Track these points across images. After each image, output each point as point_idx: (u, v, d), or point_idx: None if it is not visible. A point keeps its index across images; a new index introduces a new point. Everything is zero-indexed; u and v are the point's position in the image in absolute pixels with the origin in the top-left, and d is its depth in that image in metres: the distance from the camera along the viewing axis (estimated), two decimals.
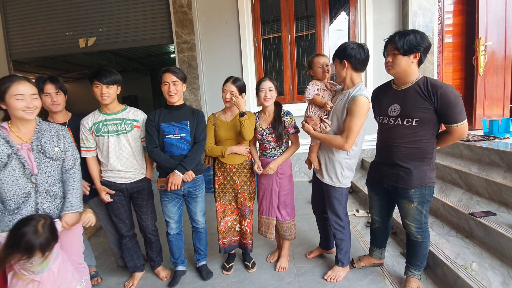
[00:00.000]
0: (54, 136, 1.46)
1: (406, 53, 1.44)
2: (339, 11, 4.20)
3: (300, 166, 3.99)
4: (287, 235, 2.08)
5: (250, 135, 1.93)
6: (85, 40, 4.17)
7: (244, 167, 2.06)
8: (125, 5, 4.08)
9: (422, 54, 1.44)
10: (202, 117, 1.96)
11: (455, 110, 1.40)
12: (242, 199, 2.06)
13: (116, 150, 1.86)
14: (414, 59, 1.46)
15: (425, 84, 1.45)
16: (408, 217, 1.67)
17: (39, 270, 1.27)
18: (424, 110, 1.45)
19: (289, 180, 2.07)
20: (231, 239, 2.14)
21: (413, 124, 1.50)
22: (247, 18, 4.00)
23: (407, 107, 1.50)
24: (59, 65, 7.74)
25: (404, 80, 1.53)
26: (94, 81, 1.78)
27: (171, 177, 1.81)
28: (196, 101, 4.05)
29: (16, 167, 1.32)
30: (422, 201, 1.59)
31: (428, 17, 3.64)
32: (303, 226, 2.74)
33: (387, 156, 1.65)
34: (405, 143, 1.55)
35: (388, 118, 1.60)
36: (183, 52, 3.99)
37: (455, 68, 3.94)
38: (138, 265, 2.11)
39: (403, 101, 1.52)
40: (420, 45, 1.42)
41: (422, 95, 1.45)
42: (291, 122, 1.98)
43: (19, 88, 1.32)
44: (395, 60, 1.49)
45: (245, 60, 4.05)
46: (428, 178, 1.56)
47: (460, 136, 1.48)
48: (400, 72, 1.51)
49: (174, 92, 1.83)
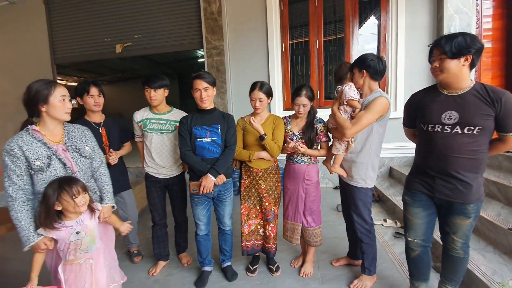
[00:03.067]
0: (82, 136, 1.54)
1: (455, 56, 1.34)
2: (369, 15, 4.13)
3: (325, 172, 3.94)
4: (312, 242, 2.07)
5: (277, 153, 1.99)
6: (121, 46, 4.43)
7: (270, 172, 2.09)
8: (159, 13, 4.28)
9: (474, 56, 1.33)
10: (232, 121, 2.00)
11: None
12: (267, 203, 2.08)
13: (157, 147, 2.11)
14: (466, 62, 1.34)
15: (485, 90, 1.35)
16: (458, 233, 1.52)
17: (88, 248, 1.41)
18: (487, 117, 1.35)
19: (316, 186, 2.06)
20: (254, 242, 2.16)
21: (474, 133, 1.38)
22: (275, 24, 4.05)
23: (468, 114, 1.38)
24: (96, 69, 8.25)
25: (456, 86, 1.40)
26: (145, 86, 2.07)
27: (203, 180, 1.84)
28: (223, 105, 4.15)
29: (57, 167, 1.39)
30: (477, 215, 1.49)
31: (465, 21, 3.48)
32: (329, 233, 2.71)
33: (441, 168, 1.49)
34: (464, 153, 1.41)
35: (442, 126, 1.45)
36: (212, 57, 4.11)
37: (494, 74, 3.72)
38: (163, 254, 2.31)
39: (462, 107, 1.40)
40: (471, 46, 1.32)
41: (484, 101, 1.34)
42: (323, 130, 1.99)
43: (61, 90, 1.41)
44: (443, 64, 1.38)
45: (272, 65, 4.10)
46: (482, 190, 1.46)
47: (509, 147, 1.40)
48: (450, 77, 1.39)
49: (206, 98, 1.88)
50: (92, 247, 1.43)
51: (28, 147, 1.32)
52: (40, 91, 1.35)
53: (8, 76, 5.06)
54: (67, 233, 1.35)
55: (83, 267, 1.40)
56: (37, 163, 1.33)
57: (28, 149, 1.32)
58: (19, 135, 1.35)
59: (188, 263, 2.35)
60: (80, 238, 1.37)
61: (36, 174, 1.35)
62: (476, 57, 1.34)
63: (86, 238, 1.40)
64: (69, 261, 1.38)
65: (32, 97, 1.35)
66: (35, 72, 4.81)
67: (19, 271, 2.36)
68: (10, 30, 4.80)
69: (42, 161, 1.34)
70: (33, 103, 1.36)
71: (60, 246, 1.37)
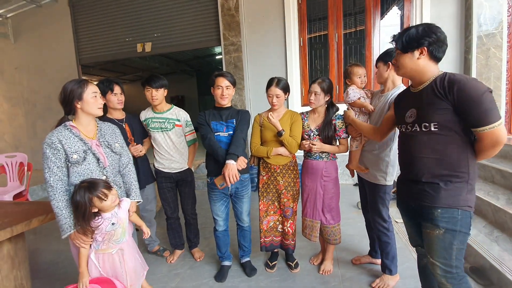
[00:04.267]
0: (112, 133, 1.64)
1: (406, 50, 1.25)
2: (391, 6, 3.98)
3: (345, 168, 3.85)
4: (331, 239, 2.04)
5: (295, 149, 1.97)
6: (142, 45, 4.53)
7: (288, 168, 2.07)
8: (177, 12, 4.34)
9: (431, 48, 1.20)
10: (245, 113, 2.03)
11: (479, 109, 1.10)
12: (285, 200, 2.07)
13: (161, 144, 2.22)
14: (421, 55, 1.22)
15: (440, 81, 1.20)
16: (432, 251, 1.26)
17: (119, 239, 1.50)
18: (442, 111, 1.19)
19: (335, 183, 2.02)
20: (273, 238, 2.16)
21: (432, 129, 1.22)
22: (293, 18, 3.99)
23: (423, 110, 1.26)
24: (118, 68, 8.52)
25: (419, 81, 1.29)
26: (146, 86, 2.18)
27: (226, 170, 1.77)
28: (240, 101, 4.16)
29: (91, 161, 1.48)
30: (453, 229, 1.21)
31: (496, 9, 3.27)
32: (348, 231, 2.66)
33: (410, 170, 1.35)
34: (427, 152, 1.26)
35: (406, 125, 1.35)
36: (229, 54, 4.12)
37: None
38: (178, 244, 2.45)
39: (419, 104, 1.28)
40: (422, 38, 1.20)
41: (438, 93, 1.19)
42: (342, 126, 1.95)
43: (93, 87, 1.51)
44: (399, 59, 1.30)
45: (289, 60, 4.05)
46: (463, 199, 1.20)
47: (494, 143, 1.13)
48: (408, 73, 1.30)
49: (226, 95, 1.94)
50: (123, 238, 1.52)
51: (66, 141, 1.42)
52: (74, 89, 1.45)
53: (37, 77, 5.33)
54: (104, 224, 1.44)
55: (115, 257, 1.50)
56: (74, 156, 1.42)
57: (66, 143, 1.42)
58: (58, 130, 1.45)
59: (200, 258, 2.41)
60: (114, 229, 1.46)
61: (72, 167, 1.44)
62: (436, 48, 1.21)
63: (119, 230, 1.49)
64: (101, 250, 1.48)
65: (68, 95, 1.45)
66: (62, 72, 5.05)
67: (52, 261, 2.50)
68: (38, 32, 5.05)
69: (78, 154, 1.44)
70: (69, 101, 1.46)
71: (96, 236, 1.45)
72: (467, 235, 1.23)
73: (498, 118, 1.10)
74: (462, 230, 1.21)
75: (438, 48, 1.21)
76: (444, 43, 1.22)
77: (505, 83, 3.38)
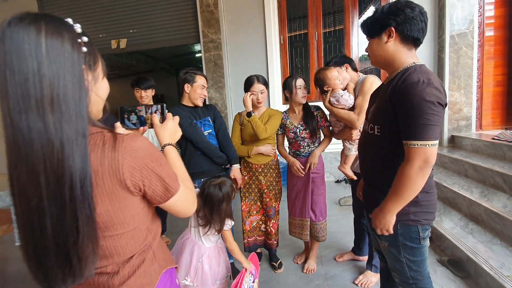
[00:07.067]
0: None
1: (372, 34, 1.08)
2: (368, 5, 4.04)
3: (326, 165, 3.89)
4: (320, 236, 2.03)
5: (263, 133, 1.87)
6: (117, 42, 4.34)
7: (270, 167, 2.04)
8: (154, 7, 4.18)
9: (401, 28, 1.00)
10: (215, 108, 2.04)
11: (415, 119, 0.92)
12: (268, 199, 2.04)
13: None
14: (390, 39, 1.02)
15: (400, 77, 1.01)
16: (387, 261, 1.21)
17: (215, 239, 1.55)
18: (387, 113, 1.02)
19: (322, 179, 2.03)
20: (256, 238, 2.13)
21: (375, 133, 1.09)
22: (273, 16, 3.96)
23: (374, 109, 1.13)
24: None
25: (391, 71, 1.10)
26: (135, 88, 2.34)
27: (236, 174, 1.94)
28: (221, 100, 4.08)
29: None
30: (395, 243, 1.10)
31: (467, 10, 3.40)
32: (332, 228, 2.66)
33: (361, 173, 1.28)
34: (372, 157, 1.15)
35: (365, 122, 1.23)
36: (209, 51, 4.02)
37: (497, 63, 3.64)
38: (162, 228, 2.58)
39: (376, 100, 1.15)
40: (387, 17, 1.00)
41: (388, 90, 1.02)
42: (323, 116, 1.98)
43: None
44: (369, 46, 1.14)
45: (270, 58, 4.02)
46: (406, 212, 1.04)
47: (415, 166, 0.94)
48: (378, 61, 1.11)
49: (204, 96, 1.92)
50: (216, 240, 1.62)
51: None
52: None
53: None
54: None
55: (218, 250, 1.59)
56: None
57: None
58: None
59: (167, 243, 2.45)
60: None
61: None
62: (408, 28, 0.99)
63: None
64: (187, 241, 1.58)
65: None
66: None
67: (19, 271, 2.33)
68: None
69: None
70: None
71: None
72: (420, 247, 1.08)
73: (435, 137, 0.93)
74: (407, 243, 1.08)
75: (410, 27, 0.99)
76: (418, 20, 0.99)
77: (476, 81, 3.52)
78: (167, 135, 0.86)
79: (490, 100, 3.63)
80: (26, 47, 0.51)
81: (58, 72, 0.54)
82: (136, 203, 0.69)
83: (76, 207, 0.56)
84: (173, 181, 0.71)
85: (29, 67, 0.51)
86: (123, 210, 0.66)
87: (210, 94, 4.06)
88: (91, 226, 0.59)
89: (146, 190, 0.67)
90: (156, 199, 0.70)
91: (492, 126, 3.64)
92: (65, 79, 0.55)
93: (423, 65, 1.02)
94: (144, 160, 0.65)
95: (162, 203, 0.71)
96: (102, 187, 0.62)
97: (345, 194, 3.38)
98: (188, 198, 0.76)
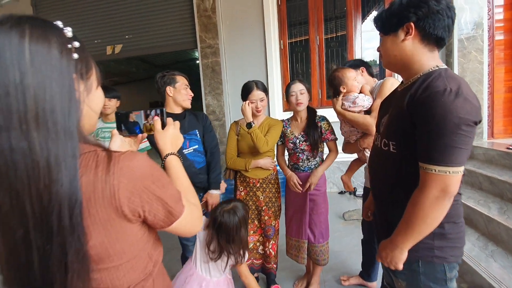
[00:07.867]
0: None
1: (387, 29, 0.90)
2: (372, 9, 3.90)
3: (329, 176, 3.70)
4: (320, 260, 1.82)
5: (264, 146, 1.69)
6: (112, 48, 4.22)
7: (269, 181, 1.86)
8: (150, 12, 4.07)
9: (422, 24, 0.82)
10: (207, 119, 1.82)
11: (436, 139, 0.75)
12: (267, 217, 1.85)
13: None
14: (408, 36, 0.85)
15: (420, 83, 0.83)
16: None
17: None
18: (404, 128, 0.85)
19: (324, 196, 1.82)
20: (253, 261, 1.92)
21: (391, 150, 0.91)
22: (273, 20, 3.82)
23: (388, 122, 0.95)
24: None
25: (408, 75, 0.92)
26: None
27: (209, 198, 1.73)
28: (219, 107, 3.93)
29: None
30: (416, 284, 0.91)
31: (477, 13, 3.24)
32: (335, 247, 2.45)
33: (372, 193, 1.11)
34: (386, 178, 0.96)
35: (377, 135, 1.05)
36: (207, 57, 3.89)
37: (508, 68, 3.47)
38: None
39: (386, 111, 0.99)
40: (407, 10, 0.83)
41: (407, 102, 0.84)
42: (328, 128, 1.77)
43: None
44: (381, 44, 0.96)
45: (270, 64, 3.86)
46: (427, 247, 0.87)
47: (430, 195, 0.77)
48: (392, 63, 0.94)
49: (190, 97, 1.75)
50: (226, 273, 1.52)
51: None
52: None
53: None
54: None
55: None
56: None
57: None
58: None
59: None
60: None
61: None
62: (430, 24, 0.81)
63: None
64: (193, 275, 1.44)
65: None
66: None
67: None
68: None
69: None
70: None
71: None
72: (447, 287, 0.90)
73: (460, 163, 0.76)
74: (431, 285, 0.89)
75: (434, 23, 0.81)
76: (445, 16, 0.81)
77: (487, 87, 3.35)
78: (169, 143, 0.81)
79: (501, 107, 3.45)
80: (7, 55, 0.45)
81: (43, 82, 0.47)
82: (134, 231, 0.60)
83: (65, 240, 0.48)
84: (176, 203, 0.63)
85: (11, 78, 0.45)
86: (120, 239, 0.57)
87: (207, 101, 3.91)
88: (82, 262, 0.51)
89: (147, 215, 0.59)
90: (158, 224, 0.62)
91: (504, 134, 3.45)
92: (52, 91, 0.48)
93: (449, 70, 0.84)
94: (143, 182, 0.57)
95: (164, 227, 0.64)
96: (95, 216, 0.53)
97: (349, 207, 3.17)
98: (193, 217, 0.69)
